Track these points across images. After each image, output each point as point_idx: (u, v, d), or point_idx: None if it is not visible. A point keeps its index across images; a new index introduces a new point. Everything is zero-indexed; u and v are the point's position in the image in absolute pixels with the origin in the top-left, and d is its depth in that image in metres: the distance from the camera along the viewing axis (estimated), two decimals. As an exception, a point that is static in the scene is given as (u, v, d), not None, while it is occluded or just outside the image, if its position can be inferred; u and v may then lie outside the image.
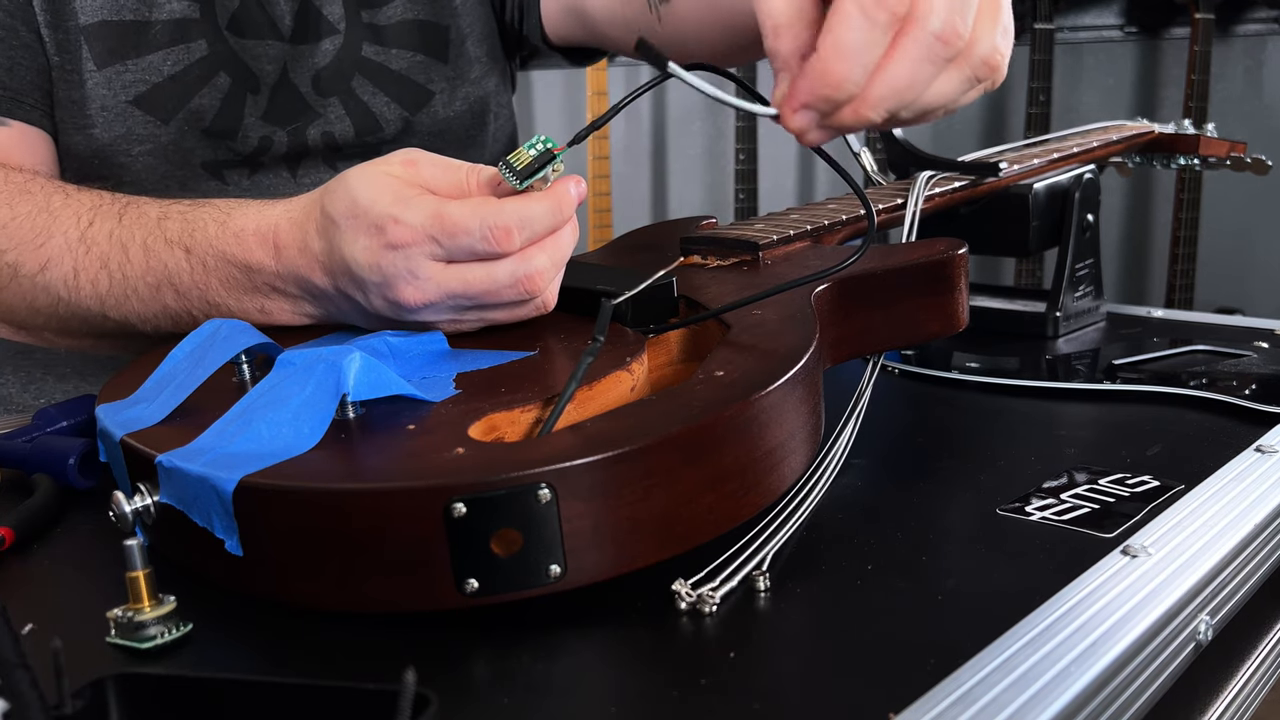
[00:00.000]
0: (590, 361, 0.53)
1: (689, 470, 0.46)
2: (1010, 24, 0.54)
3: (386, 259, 0.58)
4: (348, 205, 0.59)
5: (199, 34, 0.87)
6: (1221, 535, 0.52)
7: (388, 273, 0.58)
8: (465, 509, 0.43)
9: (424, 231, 0.57)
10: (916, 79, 0.50)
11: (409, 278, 0.58)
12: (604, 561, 0.45)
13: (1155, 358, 0.82)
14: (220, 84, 0.87)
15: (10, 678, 0.34)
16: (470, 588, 0.44)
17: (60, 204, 0.73)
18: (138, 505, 0.50)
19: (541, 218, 0.58)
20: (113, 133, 0.85)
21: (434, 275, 0.58)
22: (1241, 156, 1.06)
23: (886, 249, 0.69)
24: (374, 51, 0.94)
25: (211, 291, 0.67)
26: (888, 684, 0.41)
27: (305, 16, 0.91)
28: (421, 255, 0.58)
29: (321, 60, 0.92)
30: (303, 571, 0.46)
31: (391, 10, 0.94)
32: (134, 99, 0.85)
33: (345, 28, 0.93)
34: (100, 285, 0.70)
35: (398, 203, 0.58)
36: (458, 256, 0.58)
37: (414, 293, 0.58)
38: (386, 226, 0.57)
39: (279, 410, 0.50)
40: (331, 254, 0.61)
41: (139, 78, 0.85)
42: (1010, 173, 0.88)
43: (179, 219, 0.69)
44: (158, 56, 0.85)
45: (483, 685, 0.43)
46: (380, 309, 0.61)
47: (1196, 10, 2.19)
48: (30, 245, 0.71)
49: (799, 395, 0.52)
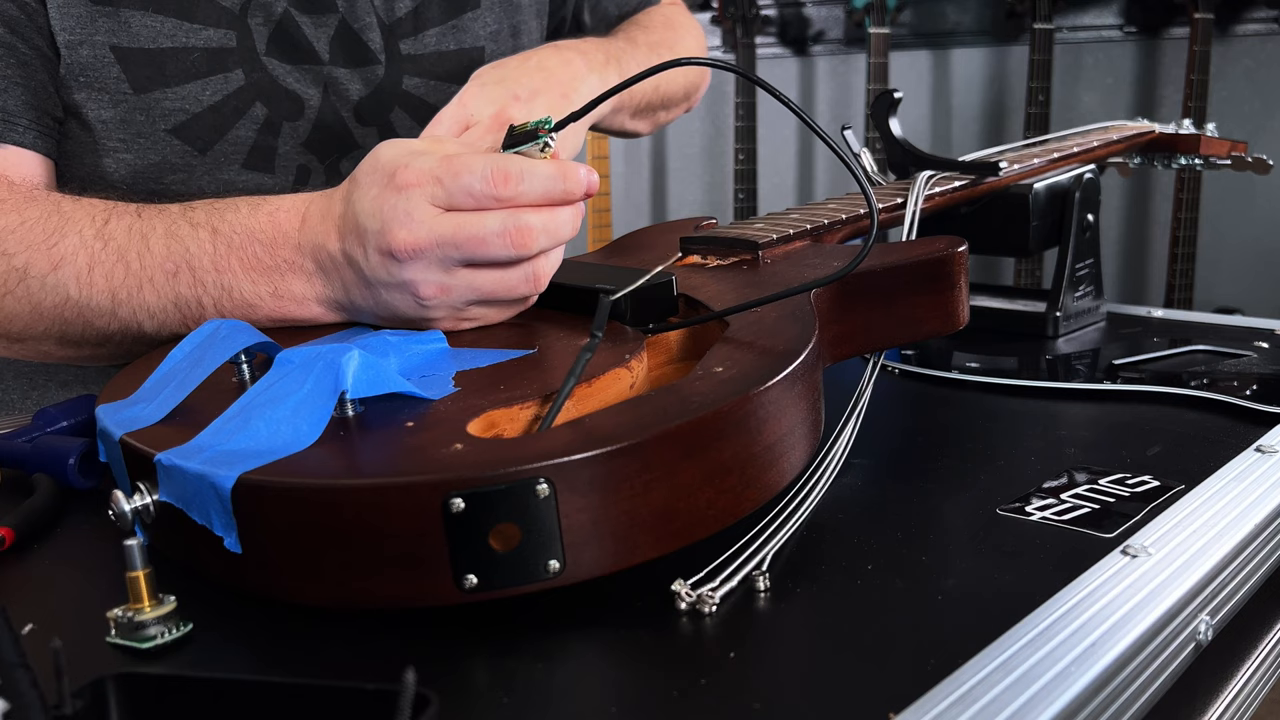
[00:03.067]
0: (589, 357, 0.53)
1: (688, 465, 0.46)
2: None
3: (389, 202, 0.61)
4: (370, 164, 0.63)
5: (236, 63, 0.86)
6: (1221, 535, 0.52)
7: (386, 215, 0.61)
8: (464, 504, 0.43)
9: (430, 173, 0.60)
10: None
11: (404, 219, 0.60)
12: (603, 556, 0.45)
13: (1155, 358, 0.82)
14: (256, 114, 0.87)
15: (10, 678, 0.34)
16: (469, 583, 0.44)
17: (71, 206, 0.73)
18: (137, 504, 0.50)
19: (544, 177, 0.61)
20: (146, 160, 0.85)
21: (427, 219, 0.60)
22: (1242, 156, 1.06)
23: (886, 247, 0.69)
24: (414, 85, 0.94)
25: (229, 273, 0.68)
26: (888, 684, 0.41)
27: (344, 40, 0.91)
28: (422, 197, 0.60)
29: (363, 89, 0.92)
30: (302, 568, 0.46)
31: (426, 40, 0.95)
32: (173, 128, 0.85)
33: (386, 59, 0.93)
34: (115, 278, 0.70)
35: (412, 154, 0.62)
36: (457, 200, 0.60)
37: (406, 235, 0.60)
38: (397, 172, 0.61)
39: (277, 408, 0.50)
40: (346, 213, 0.64)
41: (178, 106, 0.84)
42: (1010, 172, 0.88)
43: (205, 208, 0.70)
44: (196, 86, 0.85)
45: (483, 685, 0.43)
46: (375, 268, 0.62)
47: (1196, 10, 2.19)
48: (42, 246, 0.71)
49: (798, 391, 0.52)
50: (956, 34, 2.65)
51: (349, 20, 0.91)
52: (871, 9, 2.42)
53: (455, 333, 0.64)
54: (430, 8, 0.95)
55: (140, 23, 0.83)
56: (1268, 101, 2.34)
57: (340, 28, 0.91)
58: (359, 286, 0.64)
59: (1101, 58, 2.51)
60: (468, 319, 0.65)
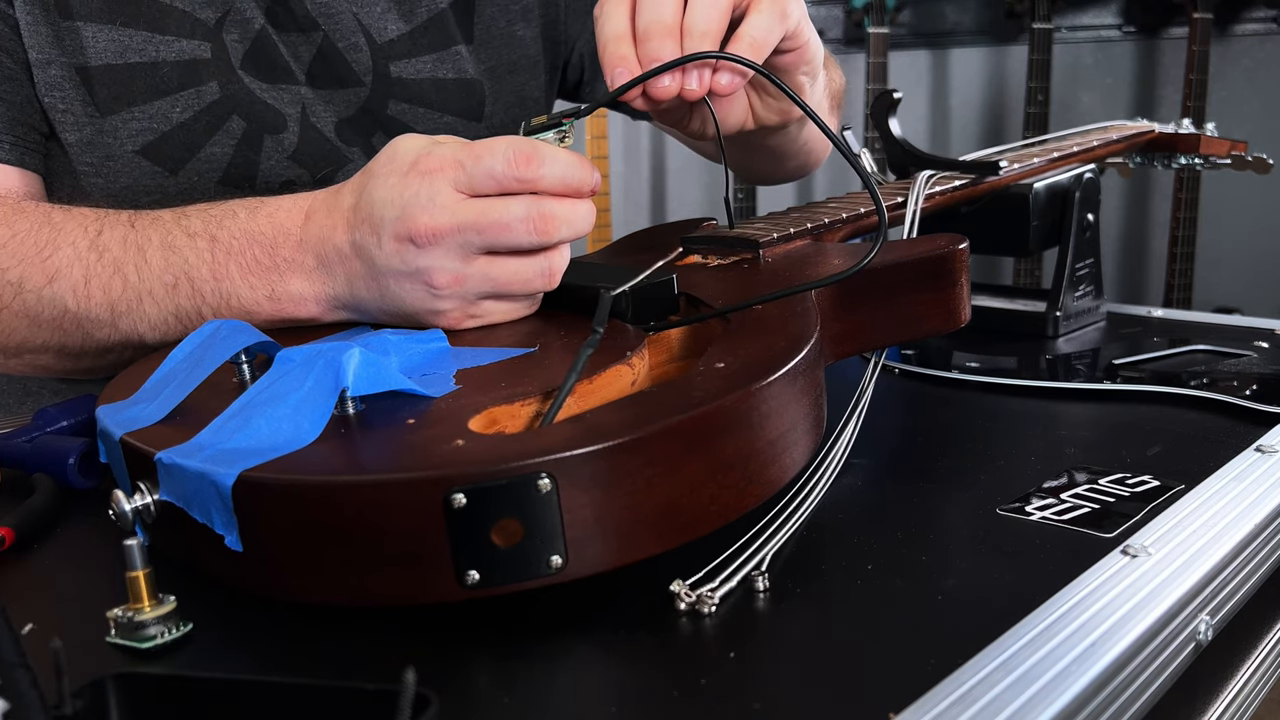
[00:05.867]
0: (590, 353, 0.53)
1: (690, 460, 0.46)
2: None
3: (411, 189, 0.60)
4: (388, 156, 0.62)
5: (210, 75, 0.84)
6: (1221, 535, 0.52)
7: (407, 201, 0.60)
8: (465, 499, 0.43)
9: (452, 158, 0.60)
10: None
11: (426, 204, 0.60)
12: (606, 552, 0.45)
13: (1155, 357, 0.82)
14: (233, 129, 0.85)
15: (10, 678, 0.34)
16: (471, 579, 0.44)
17: (62, 217, 0.72)
18: (138, 504, 0.50)
19: (564, 163, 0.60)
20: (119, 183, 0.83)
21: (450, 204, 0.60)
22: (1242, 155, 1.06)
23: (887, 245, 0.69)
24: (400, 110, 0.93)
25: (227, 280, 0.67)
26: (888, 684, 0.41)
27: (327, 59, 0.89)
28: (445, 181, 0.60)
29: (345, 110, 0.90)
30: (303, 566, 0.46)
31: (421, 64, 0.93)
32: (141, 148, 0.83)
33: (372, 80, 0.91)
34: (113, 291, 0.69)
35: (434, 142, 0.62)
36: (479, 183, 0.60)
37: (428, 220, 0.59)
38: (419, 159, 0.61)
39: (278, 406, 0.50)
40: (359, 205, 0.63)
41: (146, 125, 0.83)
42: (1010, 172, 0.88)
43: (200, 215, 0.69)
44: (166, 102, 0.83)
45: (483, 685, 0.43)
46: (389, 256, 0.61)
47: (1195, 10, 2.19)
48: (35, 259, 0.70)
49: (800, 387, 0.52)
50: (956, 34, 2.65)
51: (333, 38, 0.89)
52: (871, 9, 2.42)
53: (457, 332, 0.64)
54: (426, 33, 0.93)
55: (108, 37, 0.81)
56: (1267, 101, 2.34)
57: (324, 46, 0.89)
58: (366, 279, 0.64)
59: (1101, 58, 2.51)
60: (476, 315, 0.64)
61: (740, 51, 0.66)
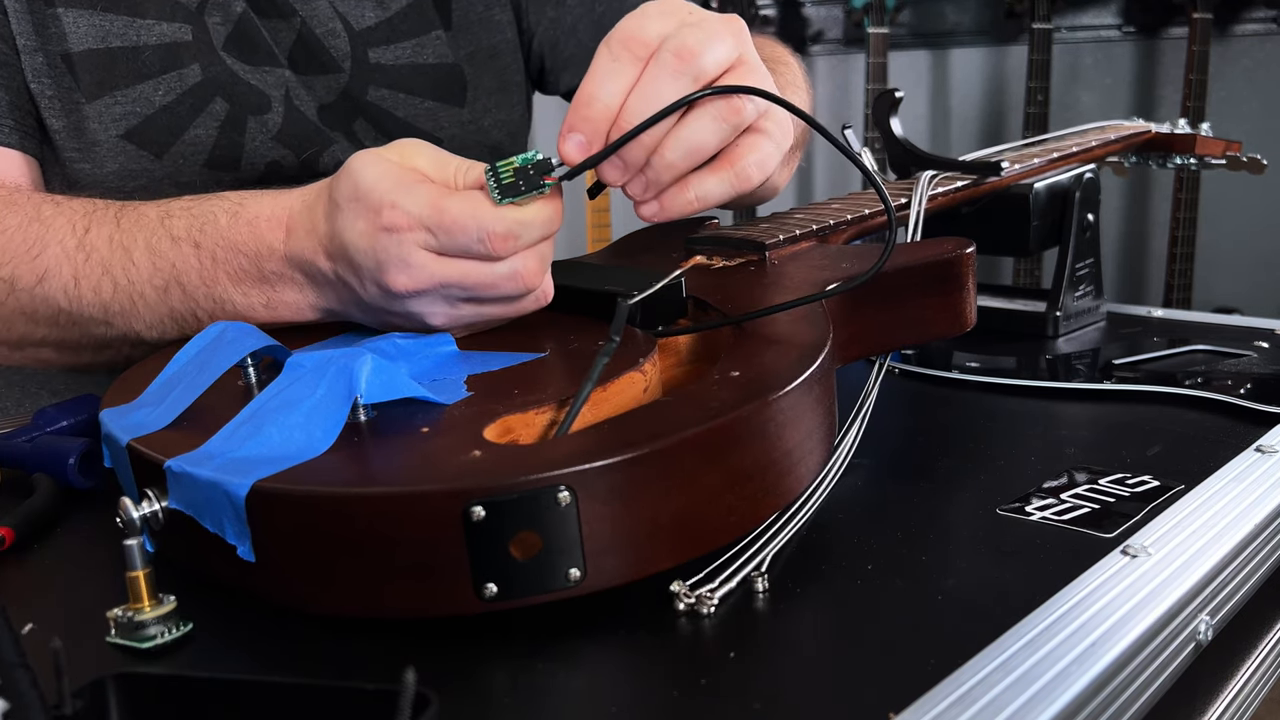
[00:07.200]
0: (606, 362, 0.53)
1: (709, 471, 0.46)
2: (759, 71, 0.60)
3: (380, 243, 0.58)
4: (350, 189, 0.59)
5: (192, 58, 0.84)
6: (1221, 535, 0.52)
7: (380, 257, 0.58)
8: (484, 512, 0.43)
9: (419, 220, 0.57)
10: (659, 93, 0.57)
11: (400, 265, 0.58)
12: (624, 564, 0.45)
13: (1155, 357, 0.82)
14: (217, 110, 0.85)
15: (10, 678, 0.34)
16: (489, 592, 0.44)
17: (51, 213, 0.71)
18: (146, 511, 0.49)
19: (539, 226, 0.58)
20: (105, 169, 0.83)
21: (427, 263, 0.58)
22: (1237, 155, 1.06)
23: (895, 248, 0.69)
24: (380, 96, 0.92)
25: (218, 286, 0.66)
26: (888, 684, 0.41)
27: (305, 47, 0.89)
28: (414, 243, 0.57)
29: (326, 96, 0.90)
30: (318, 578, 0.46)
31: (400, 50, 0.92)
32: (125, 133, 0.82)
33: (351, 66, 0.91)
34: (104, 292, 0.69)
35: (398, 188, 0.58)
36: (450, 252, 0.58)
37: (405, 280, 0.58)
38: (383, 210, 0.57)
39: (290, 413, 0.49)
40: (333, 237, 0.61)
41: (129, 110, 0.82)
42: (1011, 172, 0.88)
43: (184, 215, 0.68)
44: (148, 86, 0.83)
45: (482, 685, 0.43)
46: (374, 296, 0.61)
47: (1194, 10, 2.19)
48: (25, 257, 0.70)
49: (815, 395, 0.52)
50: (955, 34, 2.65)
51: (310, 25, 0.89)
52: (870, 9, 2.42)
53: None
54: (404, 20, 0.93)
55: (89, 22, 0.81)
56: (1266, 101, 2.34)
57: (303, 31, 0.89)
58: (356, 305, 0.63)
59: (1100, 57, 2.51)
60: (474, 329, 0.63)
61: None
